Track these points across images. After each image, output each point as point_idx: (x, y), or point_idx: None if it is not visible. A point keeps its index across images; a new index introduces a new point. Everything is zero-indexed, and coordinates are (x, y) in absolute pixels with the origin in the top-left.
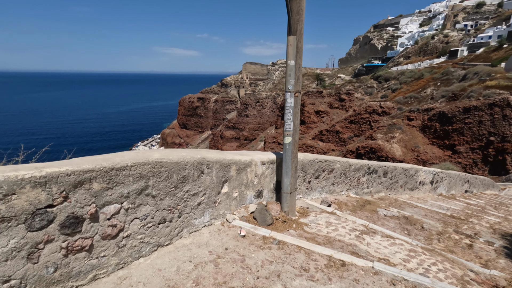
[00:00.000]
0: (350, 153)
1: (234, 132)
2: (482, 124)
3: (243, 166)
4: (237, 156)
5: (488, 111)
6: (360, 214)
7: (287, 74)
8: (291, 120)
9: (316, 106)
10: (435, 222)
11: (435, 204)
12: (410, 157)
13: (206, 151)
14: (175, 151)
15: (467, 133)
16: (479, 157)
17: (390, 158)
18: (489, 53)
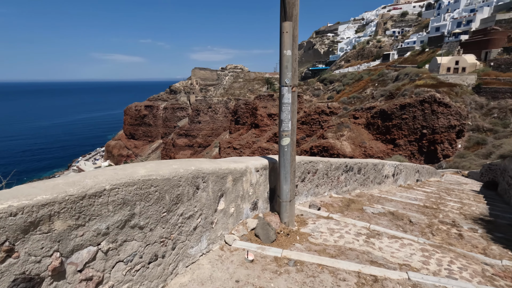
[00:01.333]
0: (305, 153)
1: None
2: (416, 119)
3: (238, 175)
4: (232, 164)
5: (420, 107)
6: (351, 215)
7: (283, 66)
8: (289, 119)
9: (269, 109)
10: (417, 214)
11: (403, 195)
12: (358, 152)
13: (197, 161)
14: (164, 163)
15: (404, 128)
16: (415, 148)
17: (342, 155)
18: (415, 56)
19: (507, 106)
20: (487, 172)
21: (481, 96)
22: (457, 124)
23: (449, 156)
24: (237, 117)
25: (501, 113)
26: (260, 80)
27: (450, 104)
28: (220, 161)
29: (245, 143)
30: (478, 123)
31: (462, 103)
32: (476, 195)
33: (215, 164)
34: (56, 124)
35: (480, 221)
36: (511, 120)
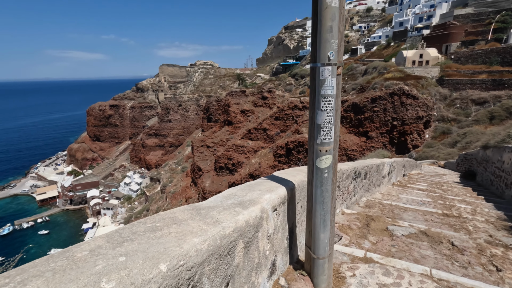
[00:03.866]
0: (280, 149)
1: (157, 140)
2: (386, 111)
3: (252, 233)
4: (239, 216)
5: (389, 99)
6: (384, 245)
7: (324, 28)
8: (332, 123)
9: (241, 106)
10: (450, 230)
11: (408, 199)
12: None
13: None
14: None
15: (376, 120)
16: (387, 140)
17: None
18: (381, 50)
19: (468, 96)
20: (463, 162)
21: (444, 88)
22: (425, 115)
23: (418, 146)
24: (209, 114)
25: (463, 103)
26: (231, 76)
27: (417, 96)
28: (215, 209)
29: (218, 140)
30: (443, 113)
31: (428, 94)
32: (465, 188)
33: (213, 230)
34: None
35: None
36: (472, 110)
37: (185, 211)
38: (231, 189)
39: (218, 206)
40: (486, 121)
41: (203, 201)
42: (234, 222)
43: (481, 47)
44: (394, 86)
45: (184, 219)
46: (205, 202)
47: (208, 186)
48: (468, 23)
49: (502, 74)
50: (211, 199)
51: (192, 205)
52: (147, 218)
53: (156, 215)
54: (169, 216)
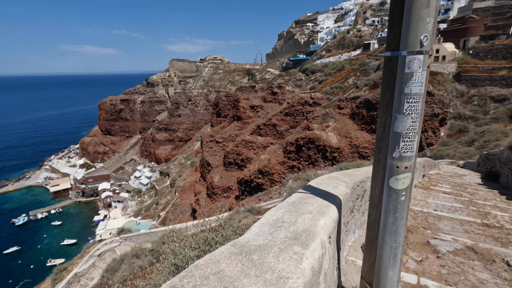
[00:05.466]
0: (290, 145)
1: (167, 134)
2: None
3: (316, 280)
4: (304, 263)
5: None
6: (428, 264)
7: (416, 3)
8: (416, 131)
9: (251, 101)
10: (495, 244)
11: (438, 204)
12: (344, 143)
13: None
14: None
15: None
16: None
17: (328, 146)
18: None
19: (486, 93)
20: (484, 162)
21: (461, 84)
22: (440, 113)
23: (432, 145)
24: (218, 109)
25: (481, 100)
26: (240, 71)
27: (433, 93)
28: (268, 246)
29: (227, 136)
30: (459, 111)
31: (444, 91)
32: (491, 191)
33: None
34: (24, 121)
35: None
36: (490, 107)
37: (232, 257)
38: (273, 211)
39: (271, 244)
40: (505, 119)
41: (243, 234)
42: (302, 275)
43: (501, 42)
44: None
45: (236, 276)
46: (251, 236)
47: (217, 181)
48: (488, 17)
49: None
50: (255, 230)
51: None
52: (183, 277)
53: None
54: (213, 272)
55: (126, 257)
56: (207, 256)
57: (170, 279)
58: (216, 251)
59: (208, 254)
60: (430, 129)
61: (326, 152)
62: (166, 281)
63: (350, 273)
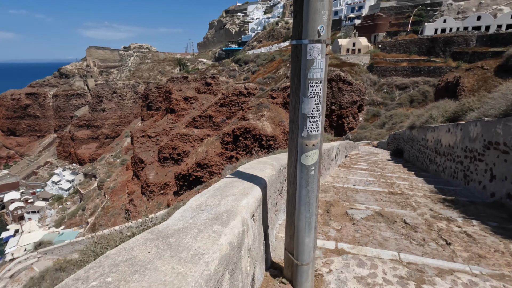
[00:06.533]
0: (227, 136)
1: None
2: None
3: (237, 254)
4: (222, 239)
5: (328, 85)
6: (346, 231)
7: (311, 2)
8: (319, 112)
9: (184, 93)
10: (399, 208)
11: (356, 180)
12: (278, 131)
13: None
14: None
15: None
16: (327, 123)
17: (263, 135)
18: None
19: (393, 82)
20: (392, 141)
21: (373, 74)
22: (358, 100)
23: (353, 128)
24: (148, 102)
25: (388, 88)
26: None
27: (352, 82)
28: (187, 228)
29: (161, 130)
30: (373, 98)
31: (361, 80)
32: (397, 165)
33: (194, 272)
34: None
35: (449, 203)
36: (395, 94)
37: (147, 243)
38: (198, 196)
39: (191, 226)
40: (407, 104)
41: (164, 221)
42: (218, 249)
43: (402, 38)
44: (332, 72)
45: (149, 259)
46: (171, 222)
47: (153, 178)
48: (392, 15)
49: (419, 62)
50: (177, 216)
51: (154, 230)
52: (89, 269)
53: (103, 258)
54: (124, 259)
55: (47, 272)
56: (120, 245)
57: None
58: (130, 240)
59: (121, 244)
60: (350, 115)
61: (262, 141)
62: None
63: (280, 248)
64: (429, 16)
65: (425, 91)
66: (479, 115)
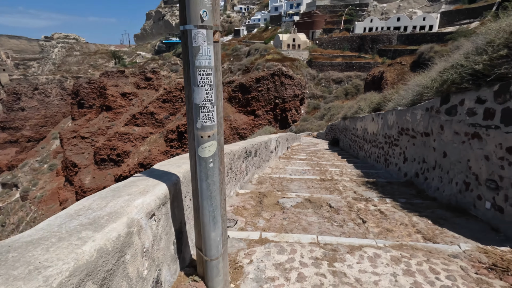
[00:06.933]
0: (172, 133)
1: (7, 134)
2: (269, 90)
3: (113, 260)
4: (86, 247)
5: (271, 79)
6: (275, 220)
7: None
8: (212, 102)
9: (121, 88)
10: (327, 193)
11: (293, 170)
12: (225, 127)
13: None
14: None
15: (261, 99)
16: (271, 117)
17: None
18: (261, 33)
19: (330, 76)
20: (329, 132)
21: (312, 69)
22: (300, 93)
23: (296, 121)
24: (79, 99)
25: (326, 82)
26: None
27: (293, 76)
28: (44, 238)
29: (96, 129)
30: (313, 91)
31: (301, 75)
32: (333, 153)
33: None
34: None
35: (371, 185)
36: (333, 87)
37: None
38: (85, 199)
39: (50, 236)
40: (342, 96)
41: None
42: (74, 259)
43: (336, 35)
44: (274, 67)
45: None
46: (29, 232)
47: (89, 183)
48: (327, 13)
49: (351, 58)
50: (42, 224)
51: None
52: None
53: None
54: None
55: None
56: None
57: None
58: None
59: None
60: (293, 108)
61: None
62: None
63: None
64: (358, 15)
65: (357, 85)
66: (395, 105)
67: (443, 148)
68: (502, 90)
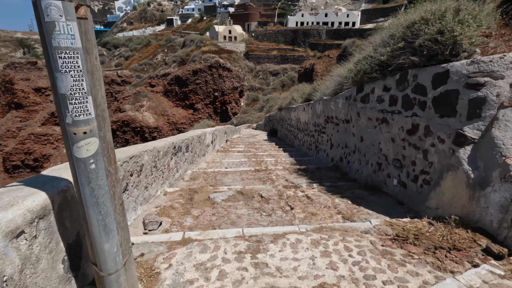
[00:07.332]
0: None
1: None
2: (208, 83)
3: None
4: None
5: (209, 72)
6: (205, 216)
7: None
8: (85, 91)
9: (34, 83)
10: (260, 184)
11: (230, 162)
12: (162, 122)
13: None
14: None
15: (200, 92)
16: (211, 110)
17: (146, 127)
18: (196, 23)
19: (267, 69)
20: (268, 123)
21: (250, 61)
22: (239, 86)
23: (237, 113)
24: None
25: (264, 74)
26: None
27: (231, 69)
28: None
29: (4, 131)
30: (251, 83)
31: (239, 67)
32: (271, 143)
33: None
34: None
35: (302, 172)
36: (270, 80)
37: None
38: None
39: None
40: (280, 88)
41: None
42: None
43: (271, 28)
44: (211, 59)
45: None
46: None
47: None
48: (261, 6)
49: (286, 51)
50: None
51: None
52: None
53: None
54: None
55: None
56: None
57: None
58: None
59: None
60: (233, 100)
61: (145, 133)
62: None
63: None
64: (290, 9)
65: (293, 77)
66: (321, 95)
67: (360, 133)
68: (402, 79)
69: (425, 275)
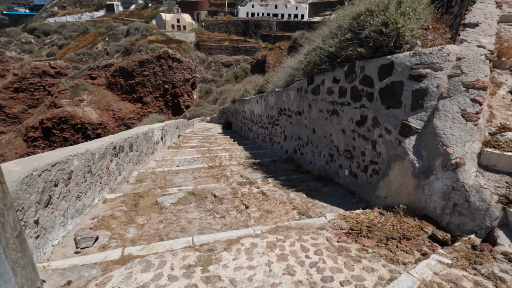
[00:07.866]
0: (34, 130)
1: None
2: (156, 75)
3: None
4: None
5: (157, 63)
6: (149, 225)
7: None
8: None
9: None
10: (213, 182)
11: (181, 159)
12: (107, 117)
13: None
14: None
15: (148, 85)
16: (162, 104)
17: (88, 123)
18: (140, 10)
19: (219, 60)
20: (222, 116)
21: (201, 52)
22: (190, 78)
23: (190, 107)
24: None
25: (216, 66)
26: None
27: (181, 60)
28: None
29: None
30: (204, 75)
31: (190, 58)
32: (225, 137)
33: None
34: None
35: (257, 166)
36: (223, 71)
37: None
38: None
39: None
40: (233, 80)
41: None
42: None
43: (222, 18)
44: (159, 49)
45: None
46: None
47: None
48: None
49: (238, 42)
50: None
51: None
52: None
53: None
54: None
55: None
56: None
57: None
58: None
59: None
60: (185, 93)
61: (88, 130)
62: None
63: (53, 279)
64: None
65: (246, 68)
66: (273, 87)
67: (312, 125)
68: (350, 70)
69: (380, 270)
